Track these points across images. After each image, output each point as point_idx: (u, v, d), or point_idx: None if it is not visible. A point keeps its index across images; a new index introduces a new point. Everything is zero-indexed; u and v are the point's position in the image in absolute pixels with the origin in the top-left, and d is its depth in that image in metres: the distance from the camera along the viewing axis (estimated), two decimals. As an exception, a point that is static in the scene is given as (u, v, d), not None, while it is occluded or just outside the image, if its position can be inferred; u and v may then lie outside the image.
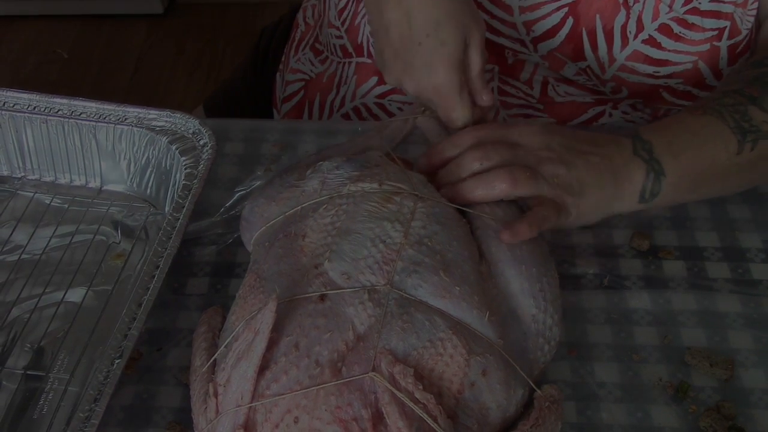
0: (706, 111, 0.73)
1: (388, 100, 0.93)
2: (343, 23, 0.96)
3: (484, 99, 0.76)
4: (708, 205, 0.79)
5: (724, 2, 0.81)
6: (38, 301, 0.73)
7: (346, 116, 0.97)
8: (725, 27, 0.82)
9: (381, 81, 0.93)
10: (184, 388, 0.65)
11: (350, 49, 0.95)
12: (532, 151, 0.69)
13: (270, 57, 1.12)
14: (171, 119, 0.79)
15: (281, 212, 0.68)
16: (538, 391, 0.59)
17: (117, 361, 0.60)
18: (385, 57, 0.76)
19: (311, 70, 1.02)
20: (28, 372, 0.67)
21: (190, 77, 2.27)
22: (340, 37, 0.96)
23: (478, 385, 0.56)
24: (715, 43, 0.82)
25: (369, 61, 0.93)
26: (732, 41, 0.82)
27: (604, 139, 0.71)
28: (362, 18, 0.93)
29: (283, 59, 1.09)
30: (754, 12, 0.82)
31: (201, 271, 0.74)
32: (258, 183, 0.80)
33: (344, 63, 0.96)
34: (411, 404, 0.53)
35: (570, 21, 0.84)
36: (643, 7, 0.82)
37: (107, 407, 0.58)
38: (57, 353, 0.68)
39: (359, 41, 0.94)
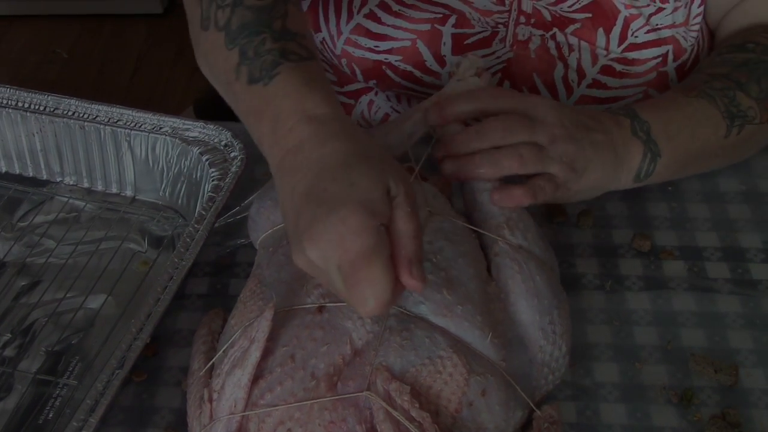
0: (699, 94, 0.74)
1: None
2: None
3: (412, 276, 0.52)
4: (708, 205, 0.79)
5: (660, 29, 0.80)
6: (58, 305, 0.73)
7: None
8: (667, 51, 0.81)
9: None
10: (183, 389, 0.65)
11: None
12: (548, 126, 0.68)
13: None
14: (205, 130, 0.79)
15: None
16: (538, 412, 0.59)
17: (117, 372, 0.60)
18: (299, 226, 0.53)
19: None
20: (39, 376, 0.67)
21: (190, 77, 2.27)
22: None
23: (476, 405, 0.55)
24: (661, 69, 0.82)
25: None
26: (678, 62, 0.82)
27: (605, 117, 0.71)
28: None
29: None
30: (697, 27, 0.82)
31: (201, 272, 0.74)
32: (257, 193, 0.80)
33: None
34: (406, 422, 0.52)
35: (507, 83, 0.84)
36: (580, 55, 0.81)
37: (107, 407, 0.58)
38: (70, 359, 0.69)
39: None
